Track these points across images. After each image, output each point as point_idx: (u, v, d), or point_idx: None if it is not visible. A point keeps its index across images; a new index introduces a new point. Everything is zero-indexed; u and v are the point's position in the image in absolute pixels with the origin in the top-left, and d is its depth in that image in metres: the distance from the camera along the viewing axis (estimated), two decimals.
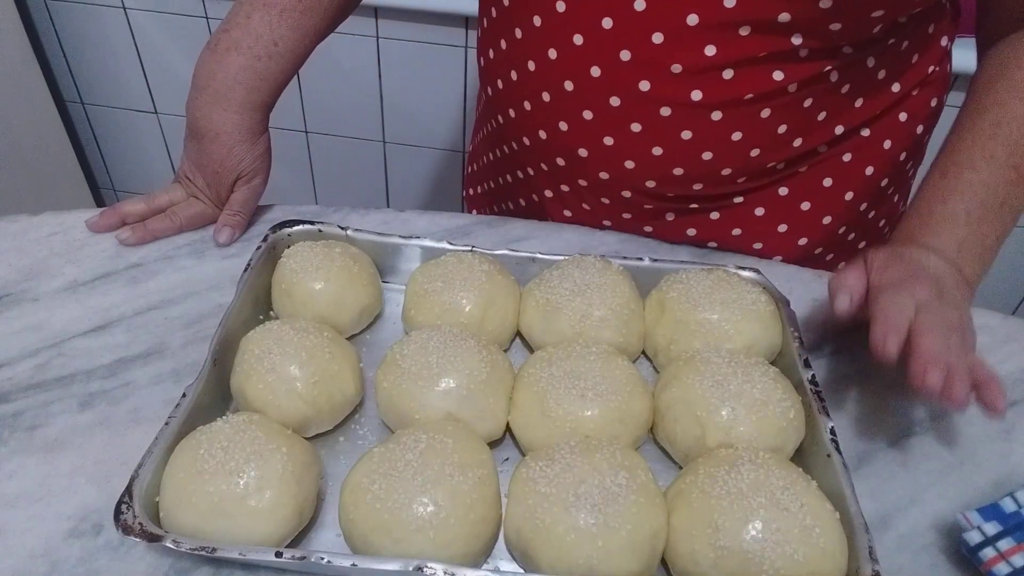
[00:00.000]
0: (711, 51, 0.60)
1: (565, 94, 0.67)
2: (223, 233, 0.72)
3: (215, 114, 0.70)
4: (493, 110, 0.77)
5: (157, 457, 0.49)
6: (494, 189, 0.86)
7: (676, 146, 0.67)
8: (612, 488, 0.47)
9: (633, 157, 0.68)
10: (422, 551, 0.45)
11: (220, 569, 0.47)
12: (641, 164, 0.69)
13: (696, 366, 0.56)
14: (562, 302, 0.61)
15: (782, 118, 0.66)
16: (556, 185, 0.76)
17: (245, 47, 0.69)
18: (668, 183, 0.70)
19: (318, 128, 1.66)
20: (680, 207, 0.73)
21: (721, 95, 0.63)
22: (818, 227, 0.75)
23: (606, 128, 0.67)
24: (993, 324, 0.68)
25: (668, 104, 0.64)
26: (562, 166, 0.72)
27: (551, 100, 0.68)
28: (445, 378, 0.54)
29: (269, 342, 0.55)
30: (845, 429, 0.57)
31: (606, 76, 0.64)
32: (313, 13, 0.71)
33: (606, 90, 0.65)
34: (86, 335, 0.63)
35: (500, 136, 0.78)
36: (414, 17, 1.43)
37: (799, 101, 0.65)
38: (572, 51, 0.64)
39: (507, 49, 0.70)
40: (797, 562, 0.44)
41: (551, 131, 0.70)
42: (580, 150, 0.70)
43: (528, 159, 0.76)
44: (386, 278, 0.69)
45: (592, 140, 0.69)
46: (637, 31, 0.61)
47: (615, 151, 0.68)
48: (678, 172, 0.68)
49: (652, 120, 0.65)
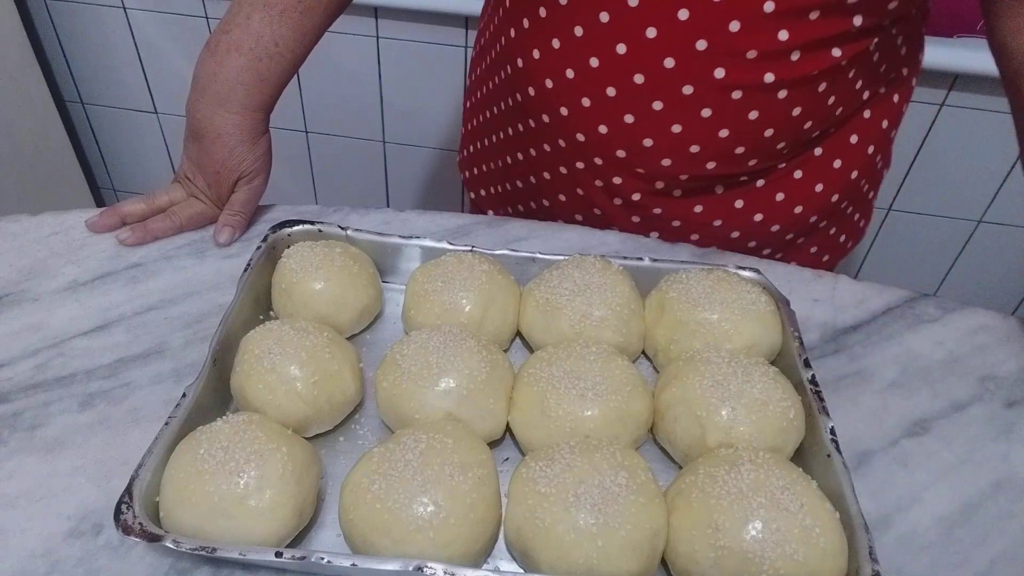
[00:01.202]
0: (735, 27, 0.62)
1: (590, 71, 0.67)
2: (224, 233, 0.72)
3: (216, 115, 0.70)
4: (512, 88, 0.76)
5: (157, 457, 0.49)
6: (504, 168, 0.85)
7: (695, 124, 0.68)
8: (612, 488, 0.47)
9: (652, 135, 0.69)
10: (422, 551, 0.45)
11: (220, 569, 0.47)
12: (660, 142, 0.70)
13: (696, 366, 0.56)
14: (562, 302, 0.61)
15: (797, 100, 0.67)
16: (572, 163, 0.76)
17: (246, 48, 0.69)
18: (684, 161, 0.71)
19: (318, 128, 1.66)
20: (691, 186, 0.74)
21: (743, 76, 0.65)
22: (789, 214, 0.78)
23: (628, 106, 0.68)
24: (993, 324, 0.69)
25: (691, 83, 0.65)
26: (582, 142, 0.73)
27: (575, 77, 0.69)
28: (445, 378, 0.54)
29: (269, 342, 0.55)
30: (845, 429, 0.57)
31: (631, 53, 0.65)
32: (313, 13, 0.71)
33: (630, 68, 0.66)
34: (86, 335, 0.63)
35: (518, 114, 0.78)
36: (414, 17, 1.43)
37: (846, 72, 0.67)
38: (599, 29, 0.65)
39: (530, 28, 0.70)
40: (797, 562, 0.44)
41: (573, 107, 0.71)
42: (600, 127, 0.70)
43: (545, 137, 0.76)
44: (386, 278, 0.69)
45: (613, 118, 0.69)
46: (664, 8, 0.62)
47: (635, 129, 0.69)
48: (695, 150, 0.69)
49: (674, 98, 0.67)
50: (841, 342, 0.66)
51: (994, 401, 0.62)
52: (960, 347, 0.66)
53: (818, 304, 0.69)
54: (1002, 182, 1.48)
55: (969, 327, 0.68)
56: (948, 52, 1.26)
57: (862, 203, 0.84)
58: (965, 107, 1.38)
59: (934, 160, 1.47)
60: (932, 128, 1.42)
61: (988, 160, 1.45)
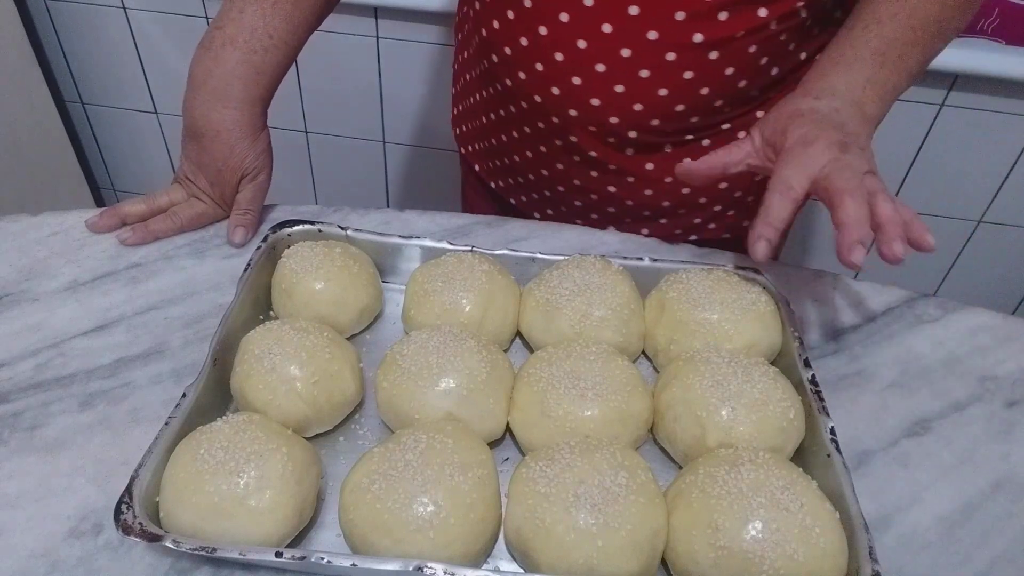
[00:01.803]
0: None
1: (540, 39, 0.70)
2: (237, 234, 0.72)
3: (214, 112, 0.70)
4: (487, 50, 0.78)
5: (157, 457, 0.49)
6: (488, 124, 0.86)
7: (635, 84, 0.70)
8: (612, 488, 0.47)
9: (599, 96, 0.71)
10: (422, 551, 0.45)
11: (220, 569, 0.47)
12: (605, 102, 0.71)
13: (696, 366, 0.56)
14: (562, 302, 0.61)
15: (764, 53, 0.70)
16: (534, 123, 0.77)
17: (241, 41, 0.69)
18: (629, 119, 0.72)
19: (318, 128, 1.66)
20: (641, 143, 0.75)
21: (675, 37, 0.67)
22: None
23: (575, 70, 0.70)
24: (993, 324, 0.69)
25: (628, 46, 0.68)
26: (539, 103, 0.75)
27: (528, 45, 0.71)
28: (445, 378, 0.54)
29: (269, 342, 0.55)
30: (845, 429, 0.57)
31: (574, 21, 0.67)
32: (304, 4, 0.72)
33: (575, 34, 0.68)
34: (86, 335, 0.63)
35: (492, 75, 0.79)
36: (414, 17, 1.43)
37: (777, 36, 0.70)
38: (584, 11, 0.67)
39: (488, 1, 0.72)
40: (797, 562, 0.44)
41: (529, 72, 0.73)
42: (553, 88, 0.72)
43: (510, 99, 0.78)
44: (386, 278, 0.69)
45: (564, 80, 0.71)
46: None
47: (583, 90, 0.71)
48: (638, 108, 0.72)
49: (614, 61, 0.69)
50: (841, 342, 0.66)
51: (994, 401, 0.62)
52: (960, 347, 0.66)
53: (818, 304, 0.69)
54: (1002, 182, 1.48)
55: (969, 327, 0.68)
56: (948, 52, 1.25)
57: None
58: (965, 107, 1.38)
59: (934, 160, 1.47)
60: (932, 128, 1.42)
61: (988, 160, 1.45)
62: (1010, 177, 1.47)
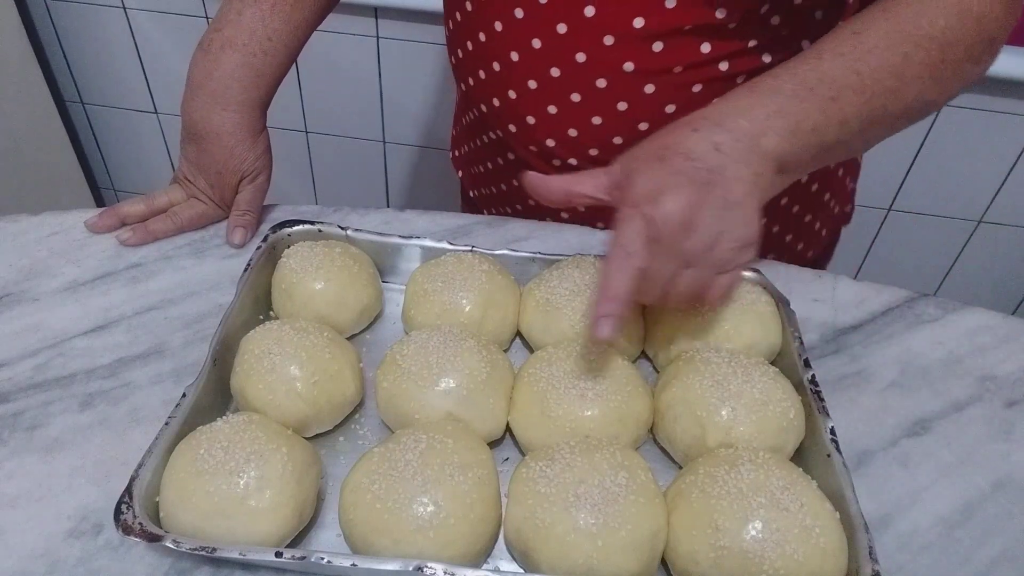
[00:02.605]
0: (639, 23, 0.62)
1: (512, 64, 0.69)
2: (237, 235, 0.72)
3: (214, 114, 0.70)
4: (459, 75, 0.78)
5: (157, 457, 0.49)
6: (473, 151, 0.87)
7: (613, 117, 0.68)
8: (612, 488, 0.47)
9: (575, 125, 0.70)
10: (422, 551, 0.45)
11: (220, 569, 0.47)
12: (583, 133, 0.70)
13: (696, 366, 0.56)
14: (562, 302, 0.61)
15: (712, 94, 0.64)
16: (517, 150, 0.77)
17: (240, 44, 0.69)
18: (610, 152, 0.70)
19: (318, 128, 1.66)
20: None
21: (652, 65, 0.65)
22: (779, 209, 0.78)
23: (549, 98, 0.69)
24: (993, 324, 0.69)
25: (604, 76, 0.66)
26: (514, 132, 0.74)
27: (500, 69, 0.70)
28: (445, 378, 0.54)
29: (269, 342, 0.55)
30: (845, 429, 0.57)
31: (545, 48, 0.66)
32: (303, 5, 0.72)
33: (547, 62, 0.67)
34: (86, 335, 0.63)
35: (468, 101, 0.80)
36: (414, 17, 1.43)
37: (731, 79, 0.66)
38: (514, 24, 0.66)
39: (461, 22, 0.72)
40: (797, 562, 0.44)
41: (503, 99, 0.72)
42: (528, 118, 0.72)
43: (490, 126, 0.78)
44: (386, 278, 0.69)
45: (537, 108, 0.71)
46: (573, 5, 0.63)
47: (558, 120, 0.70)
48: (617, 141, 0.70)
49: (590, 91, 0.68)
50: (841, 342, 0.66)
51: (994, 401, 0.62)
52: (960, 347, 0.66)
53: (818, 304, 0.69)
54: (1002, 182, 1.48)
55: (969, 327, 0.68)
56: None
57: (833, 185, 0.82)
58: (965, 107, 1.38)
59: (934, 160, 1.47)
60: (932, 128, 1.42)
61: (988, 160, 1.45)
62: (1010, 177, 1.47)
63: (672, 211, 0.49)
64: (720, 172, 0.50)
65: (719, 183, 0.50)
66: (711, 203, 0.50)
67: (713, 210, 0.50)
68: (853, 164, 0.87)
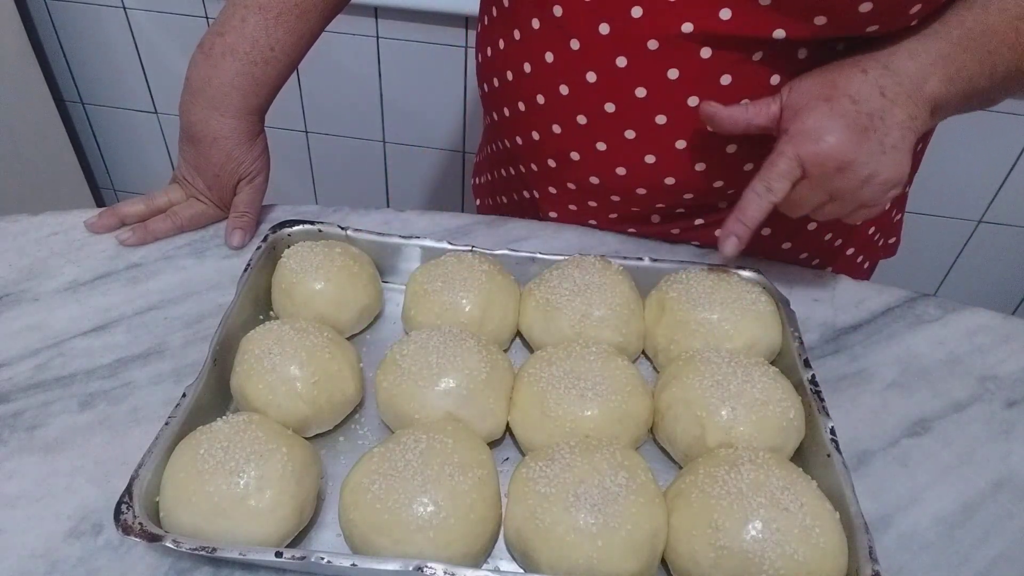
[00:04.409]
0: (706, 53, 0.60)
1: (560, 98, 0.67)
2: (235, 236, 0.72)
3: (212, 120, 0.69)
4: (490, 106, 0.77)
5: (157, 457, 0.49)
6: (494, 180, 0.86)
7: (669, 155, 0.66)
8: (612, 488, 0.47)
9: (625, 164, 0.68)
10: (422, 551, 0.45)
11: (220, 569, 0.47)
12: (632, 172, 0.68)
13: (696, 366, 0.56)
14: (562, 302, 0.61)
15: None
16: (544, 186, 0.76)
17: (241, 52, 0.68)
18: (659, 192, 0.69)
19: (318, 128, 1.66)
20: (668, 212, 0.73)
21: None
22: (803, 232, 0.75)
23: (600, 134, 0.67)
24: (993, 324, 0.69)
25: (664, 112, 0.64)
26: (553, 167, 0.72)
27: (545, 103, 0.68)
28: (445, 378, 0.54)
29: (269, 342, 0.55)
30: (845, 429, 0.57)
31: (602, 81, 0.64)
32: (309, 16, 0.71)
33: (601, 96, 0.65)
34: (86, 335, 0.63)
35: (497, 132, 0.79)
36: (414, 17, 1.43)
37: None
38: (569, 56, 0.64)
39: (505, 49, 0.70)
40: (797, 562, 0.44)
41: (544, 133, 0.70)
42: (572, 153, 0.70)
43: (521, 158, 0.76)
44: (386, 278, 0.69)
45: (585, 144, 0.68)
46: (633, 39, 0.61)
47: (607, 156, 0.68)
48: (670, 182, 0.68)
49: (647, 127, 0.65)
50: (841, 342, 0.66)
51: (994, 401, 0.62)
52: (960, 347, 0.66)
53: (818, 304, 0.69)
54: (1002, 182, 1.48)
55: (969, 327, 0.68)
56: None
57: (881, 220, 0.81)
58: None
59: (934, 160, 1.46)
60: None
61: (988, 160, 1.45)
62: (1010, 177, 1.47)
63: (829, 154, 0.53)
64: (881, 117, 0.53)
65: (879, 128, 0.53)
66: (868, 148, 0.53)
67: (868, 154, 0.53)
68: (902, 195, 0.84)
